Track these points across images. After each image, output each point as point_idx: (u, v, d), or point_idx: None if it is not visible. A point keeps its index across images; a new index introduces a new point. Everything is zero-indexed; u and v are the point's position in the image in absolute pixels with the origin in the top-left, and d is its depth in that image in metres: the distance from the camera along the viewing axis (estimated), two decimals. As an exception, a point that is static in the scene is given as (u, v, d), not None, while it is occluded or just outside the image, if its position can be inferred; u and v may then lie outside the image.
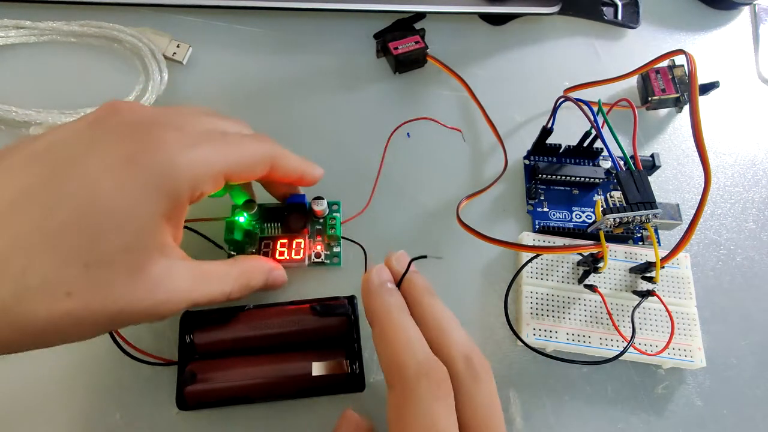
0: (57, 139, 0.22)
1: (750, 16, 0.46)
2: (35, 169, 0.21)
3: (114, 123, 0.22)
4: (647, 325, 0.31)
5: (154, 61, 0.36)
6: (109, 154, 0.21)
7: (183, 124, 0.24)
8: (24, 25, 0.37)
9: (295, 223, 0.31)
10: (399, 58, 0.38)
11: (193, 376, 0.26)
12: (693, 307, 0.31)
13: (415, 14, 0.40)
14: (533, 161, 0.36)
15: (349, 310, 0.28)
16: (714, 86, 0.39)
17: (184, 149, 0.22)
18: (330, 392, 0.26)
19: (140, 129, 0.22)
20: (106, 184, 0.20)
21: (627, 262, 0.32)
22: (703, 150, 0.27)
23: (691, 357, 0.30)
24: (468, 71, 0.39)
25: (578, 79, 0.39)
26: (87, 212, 0.20)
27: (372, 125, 0.37)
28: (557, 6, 0.41)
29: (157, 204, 0.22)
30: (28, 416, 0.28)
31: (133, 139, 0.22)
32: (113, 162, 0.21)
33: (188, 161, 0.22)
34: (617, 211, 0.28)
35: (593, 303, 0.31)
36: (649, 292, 0.30)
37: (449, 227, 0.34)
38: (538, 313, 0.31)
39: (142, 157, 0.21)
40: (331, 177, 0.35)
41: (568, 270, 0.32)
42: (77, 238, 0.20)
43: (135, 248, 0.21)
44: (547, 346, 0.30)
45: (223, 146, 0.24)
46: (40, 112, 0.34)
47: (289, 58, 0.39)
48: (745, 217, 0.37)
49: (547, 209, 0.35)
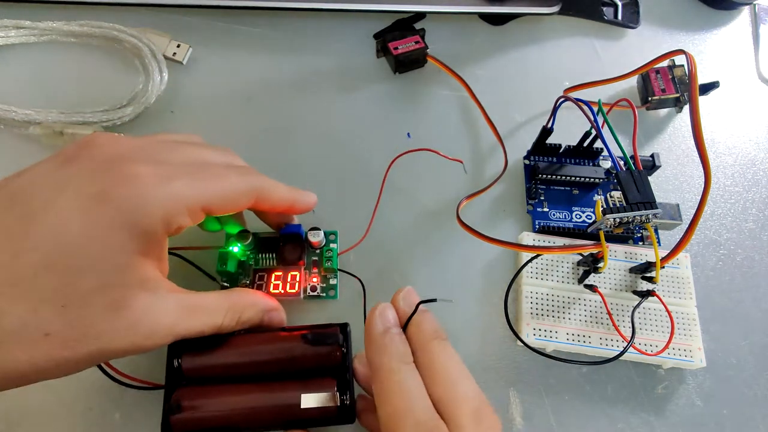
0: (28, 181, 0.22)
1: (750, 16, 0.46)
2: (6, 212, 0.21)
3: (86, 160, 0.22)
4: (647, 325, 0.31)
5: (154, 61, 0.36)
6: (79, 193, 0.21)
7: (161, 156, 0.24)
8: (24, 25, 0.37)
9: (291, 254, 0.31)
10: (399, 58, 0.38)
11: (179, 406, 0.24)
12: (693, 307, 0.31)
13: (415, 14, 0.40)
14: (533, 161, 0.36)
15: (341, 339, 0.26)
16: (714, 86, 0.39)
17: (157, 183, 0.22)
18: (319, 424, 0.25)
19: (112, 165, 0.22)
20: (75, 224, 0.21)
21: (627, 262, 0.32)
22: (704, 150, 0.27)
23: (691, 357, 0.30)
24: (468, 71, 0.39)
25: (578, 79, 0.39)
26: (58, 253, 0.20)
27: (372, 125, 0.37)
28: (557, 6, 0.41)
29: (129, 241, 0.21)
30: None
31: (103, 176, 0.22)
32: (82, 201, 0.21)
33: (161, 195, 0.22)
34: (617, 211, 0.28)
35: (593, 303, 0.31)
36: (649, 292, 0.30)
37: (449, 228, 0.34)
38: (538, 313, 0.31)
39: (111, 194, 0.21)
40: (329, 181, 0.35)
41: (568, 270, 0.32)
42: (51, 280, 0.20)
43: (112, 285, 0.21)
44: (547, 346, 0.30)
45: (202, 179, 0.24)
46: (39, 112, 0.34)
47: (289, 58, 0.39)
48: (745, 217, 0.37)
49: (547, 209, 0.35)
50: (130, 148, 0.23)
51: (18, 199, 0.21)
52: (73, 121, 0.34)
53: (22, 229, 0.20)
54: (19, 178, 0.22)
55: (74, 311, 0.20)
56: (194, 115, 0.37)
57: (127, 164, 0.22)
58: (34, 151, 0.34)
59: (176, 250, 0.30)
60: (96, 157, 0.22)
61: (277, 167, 0.35)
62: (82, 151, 0.23)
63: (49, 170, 0.22)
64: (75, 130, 0.33)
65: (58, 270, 0.20)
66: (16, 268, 0.20)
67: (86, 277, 0.20)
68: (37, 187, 0.21)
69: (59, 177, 0.22)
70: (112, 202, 0.21)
